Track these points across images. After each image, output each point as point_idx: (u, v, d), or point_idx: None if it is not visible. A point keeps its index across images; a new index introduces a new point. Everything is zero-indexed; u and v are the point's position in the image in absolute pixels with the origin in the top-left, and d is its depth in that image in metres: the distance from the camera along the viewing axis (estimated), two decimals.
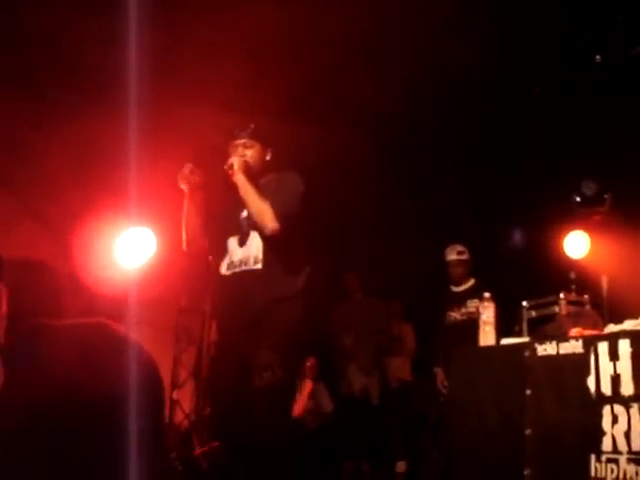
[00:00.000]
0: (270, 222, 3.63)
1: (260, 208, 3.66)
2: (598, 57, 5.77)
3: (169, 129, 5.93)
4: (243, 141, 3.86)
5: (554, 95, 6.19)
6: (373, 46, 5.62)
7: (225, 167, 3.75)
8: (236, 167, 3.73)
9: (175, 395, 7.20)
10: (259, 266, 3.69)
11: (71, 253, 6.02)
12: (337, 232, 6.94)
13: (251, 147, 3.86)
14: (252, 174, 3.77)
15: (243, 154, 3.83)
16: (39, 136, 6.10)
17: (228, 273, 3.79)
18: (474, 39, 5.45)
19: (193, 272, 6.25)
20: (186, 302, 7.46)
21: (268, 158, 3.92)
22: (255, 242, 3.73)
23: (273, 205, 3.64)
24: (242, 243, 3.78)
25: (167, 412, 7.04)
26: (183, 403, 7.20)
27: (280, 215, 3.64)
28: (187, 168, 3.78)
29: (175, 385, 7.25)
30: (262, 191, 3.72)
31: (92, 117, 5.88)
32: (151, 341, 2.00)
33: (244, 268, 3.73)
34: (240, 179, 3.71)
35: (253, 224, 3.73)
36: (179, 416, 7.15)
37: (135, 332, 2.05)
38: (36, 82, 5.88)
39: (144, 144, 5.19)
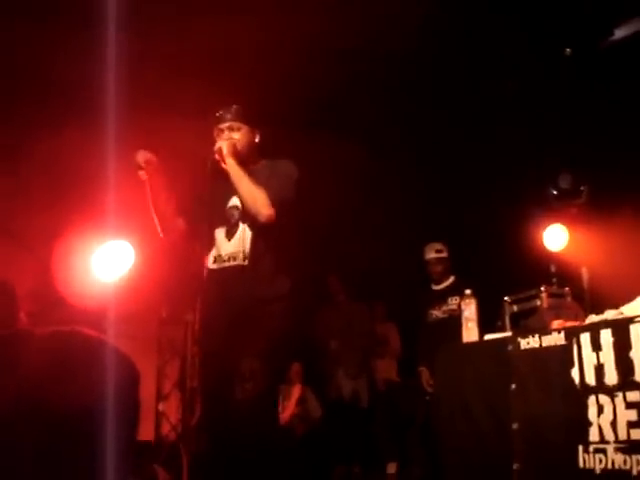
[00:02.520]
0: (264, 208, 3.40)
1: (253, 194, 3.42)
2: (568, 50, 5.79)
3: (145, 141, 5.88)
4: (228, 124, 3.59)
5: (528, 88, 6.21)
6: (342, 47, 5.62)
7: (213, 153, 3.48)
8: (225, 151, 3.47)
9: (161, 407, 7.15)
10: (247, 262, 3.47)
11: (48, 268, 5.96)
12: (316, 233, 6.92)
13: (238, 129, 3.59)
14: (242, 158, 3.52)
15: (230, 137, 3.56)
16: (14, 150, 6.04)
17: (215, 267, 3.57)
18: (446, 32, 5.46)
19: (174, 275, 6.21)
20: (167, 313, 7.40)
21: (257, 140, 3.67)
22: (245, 236, 3.50)
23: (267, 191, 3.42)
24: (230, 236, 3.55)
25: (153, 424, 7.01)
26: (169, 415, 7.16)
27: (275, 202, 3.42)
28: (140, 156, 3.52)
29: (160, 397, 7.20)
30: (254, 177, 3.48)
31: (67, 130, 5.83)
32: (133, 354, 1.97)
33: (233, 263, 3.51)
34: (230, 164, 3.46)
35: (243, 214, 3.51)
36: (165, 428, 7.11)
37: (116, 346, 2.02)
38: (10, 99, 5.82)
39: (120, 156, 5.15)
